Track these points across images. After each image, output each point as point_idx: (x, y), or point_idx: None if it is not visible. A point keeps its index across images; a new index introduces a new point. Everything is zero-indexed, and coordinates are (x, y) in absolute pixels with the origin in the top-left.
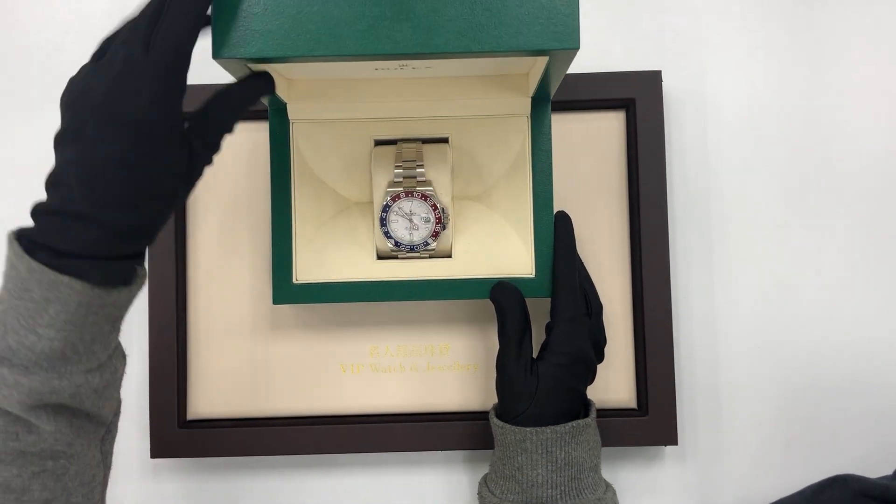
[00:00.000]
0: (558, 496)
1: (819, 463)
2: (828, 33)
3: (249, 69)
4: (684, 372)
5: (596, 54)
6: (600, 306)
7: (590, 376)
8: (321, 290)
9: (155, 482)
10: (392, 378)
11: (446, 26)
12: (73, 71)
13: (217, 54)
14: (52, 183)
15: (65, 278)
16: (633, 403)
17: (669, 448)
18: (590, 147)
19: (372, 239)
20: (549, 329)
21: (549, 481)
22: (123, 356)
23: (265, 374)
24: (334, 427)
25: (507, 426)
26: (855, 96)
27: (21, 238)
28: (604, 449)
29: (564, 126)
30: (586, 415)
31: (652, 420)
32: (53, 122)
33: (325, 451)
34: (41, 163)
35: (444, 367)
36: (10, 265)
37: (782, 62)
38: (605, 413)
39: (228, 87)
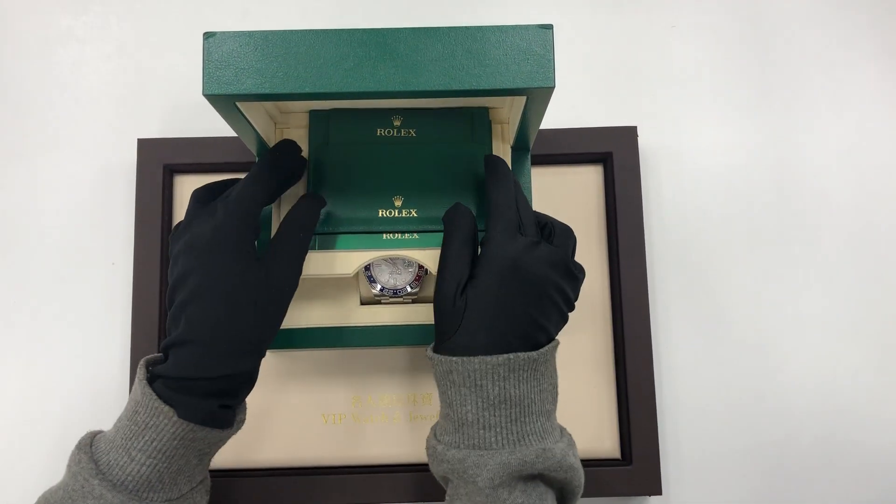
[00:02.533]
0: (493, 439)
1: None
2: (795, 95)
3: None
4: (667, 421)
5: (574, 111)
6: (567, 231)
7: (546, 301)
8: (304, 336)
9: None
10: (375, 428)
11: (428, 66)
12: (68, 127)
13: (207, 91)
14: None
15: (165, 408)
16: (616, 453)
17: (654, 498)
18: (569, 199)
19: (355, 284)
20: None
21: (481, 420)
22: (207, 489)
23: (245, 425)
24: (316, 478)
25: (436, 356)
26: (821, 151)
27: (148, 364)
28: (588, 499)
29: (545, 179)
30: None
31: (636, 470)
32: (46, 175)
33: None
34: (31, 214)
35: (427, 417)
36: (134, 387)
37: (752, 121)
38: (589, 463)
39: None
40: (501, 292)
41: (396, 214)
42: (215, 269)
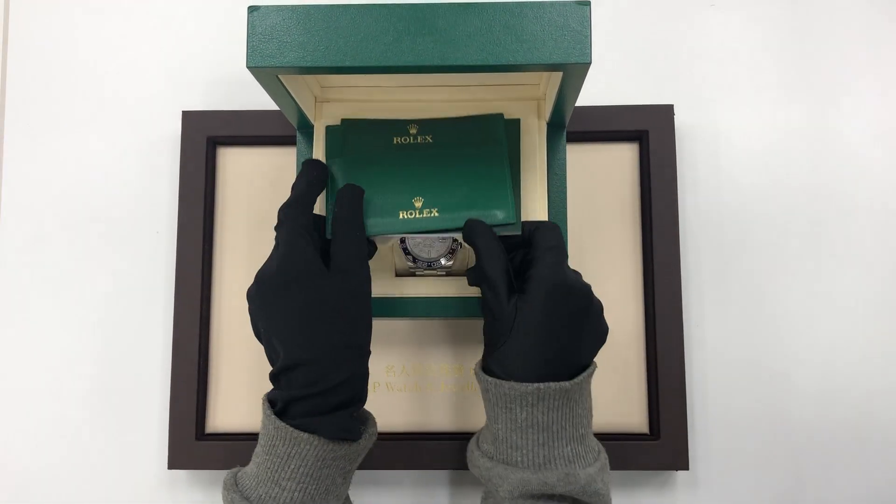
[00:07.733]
0: (519, 458)
1: (831, 492)
2: (835, 72)
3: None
4: (696, 397)
5: (611, 88)
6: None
7: (590, 327)
8: None
9: (170, 494)
10: (407, 397)
11: (466, 41)
12: (113, 99)
13: (251, 63)
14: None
15: (304, 435)
16: (645, 428)
17: (681, 473)
18: (604, 177)
19: (390, 255)
20: (527, 263)
21: (509, 440)
22: None
23: None
24: None
25: (478, 374)
26: (861, 132)
27: (272, 401)
28: (616, 473)
29: (580, 156)
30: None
31: (664, 444)
32: (92, 146)
33: None
34: (77, 184)
35: (459, 388)
36: (263, 424)
37: (791, 99)
38: (617, 437)
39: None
40: (549, 310)
41: (417, 215)
42: (294, 296)
